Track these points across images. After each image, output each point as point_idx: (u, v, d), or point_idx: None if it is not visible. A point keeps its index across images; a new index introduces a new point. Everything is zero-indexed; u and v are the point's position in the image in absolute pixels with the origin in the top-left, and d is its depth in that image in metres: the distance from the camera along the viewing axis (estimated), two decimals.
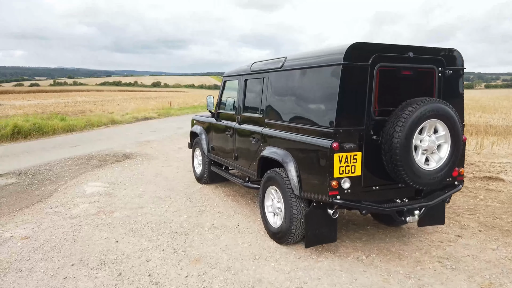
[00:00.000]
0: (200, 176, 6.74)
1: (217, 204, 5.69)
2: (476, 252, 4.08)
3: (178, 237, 4.44)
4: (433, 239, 4.41)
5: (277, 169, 4.21)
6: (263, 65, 4.74)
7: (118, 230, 4.66)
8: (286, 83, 4.19)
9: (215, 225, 4.83)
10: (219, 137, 5.93)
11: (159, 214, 5.22)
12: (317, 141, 3.55)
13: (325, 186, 3.45)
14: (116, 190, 6.38)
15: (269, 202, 4.48)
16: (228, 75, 5.86)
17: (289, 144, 4.01)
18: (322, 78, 3.58)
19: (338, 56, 3.39)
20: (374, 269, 3.67)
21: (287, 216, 4.00)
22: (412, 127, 3.35)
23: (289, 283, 3.42)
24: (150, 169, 8.01)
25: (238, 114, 5.31)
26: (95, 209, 5.44)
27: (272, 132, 4.37)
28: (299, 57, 4.07)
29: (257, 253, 4.03)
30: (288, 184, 3.97)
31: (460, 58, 3.89)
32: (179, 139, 12.33)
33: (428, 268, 3.71)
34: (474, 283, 3.42)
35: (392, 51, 3.54)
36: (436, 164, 3.58)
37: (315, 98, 3.69)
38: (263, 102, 4.64)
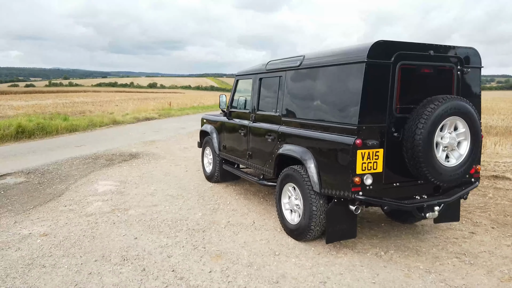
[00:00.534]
0: (210, 174, 6.77)
1: (230, 202, 5.73)
2: (492, 248, 4.14)
3: (196, 234, 4.47)
4: (448, 236, 4.47)
5: (295, 166, 4.25)
6: (280, 64, 4.79)
7: (135, 227, 4.69)
8: (305, 81, 4.24)
9: (231, 223, 4.87)
10: (231, 135, 5.96)
11: (174, 212, 5.25)
12: (339, 138, 3.60)
13: (347, 182, 3.50)
14: (127, 189, 6.40)
15: (286, 200, 4.52)
16: (241, 74, 5.90)
17: (308, 142, 4.05)
18: (345, 76, 3.63)
19: (362, 54, 3.45)
20: (394, 265, 3.73)
21: (306, 213, 4.04)
22: (434, 124, 3.41)
23: (312, 278, 3.46)
24: (159, 168, 8.03)
25: (252, 112, 5.35)
26: (109, 207, 5.46)
27: (289, 130, 4.42)
28: (319, 55, 4.12)
29: (277, 249, 4.07)
30: (308, 181, 4.02)
31: (478, 57, 3.96)
32: (183, 139, 12.35)
33: (447, 263, 3.77)
34: (494, 278, 3.48)
35: (414, 49, 3.60)
36: (456, 161, 3.64)
37: (337, 95, 3.74)
38: (279, 100, 4.69)
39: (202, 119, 7.24)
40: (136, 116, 19.50)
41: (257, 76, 5.29)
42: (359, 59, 3.46)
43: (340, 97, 3.69)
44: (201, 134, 7.20)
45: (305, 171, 4.08)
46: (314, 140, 3.97)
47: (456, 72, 3.85)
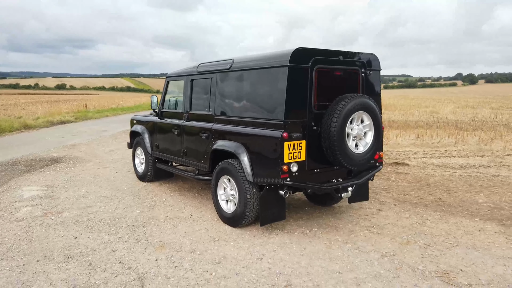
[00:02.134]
0: (143, 174, 6.91)
1: (166, 199, 5.97)
2: (394, 220, 4.97)
3: (137, 229, 4.68)
4: (360, 214, 5.24)
5: (229, 160, 4.68)
6: (210, 67, 5.17)
7: (73, 228, 4.74)
8: (235, 83, 4.68)
9: (169, 217, 5.14)
10: (164, 135, 6.20)
11: (111, 212, 5.36)
12: (268, 132, 4.10)
13: (277, 170, 4.02)
14: (56, 193, 6.29)
15: (221, 191, 4.92)
16: (172, 75, 6.17)
17: (241, 137, 4.50)
18: (271, 78, 4.14)
19: (285, 59, 3.98)
20: (318, 240, 4.34)
21: (242, 201, 4.49)
22: (345, 118, 4.07)
23: (250, 256, 3.92)
24: (86, 171, 7.91)
25: (185, 112, 5.65)
26: (41, 211, 5.38)
27: (223, 127, 4.83)
28: (247, 59, 4.59)
29: (216, 236, 4.47)
30: (242, 173, 4.46)
31: (377, 61, 4.74)
32: (107, 142, 12.08)
33: (360, 235, 4.48)
34: (396, 243, 4.25)
35: (327, 55, 4.23)
36: (364, 148, 4.36)
37: (264, 95, 4.23)
38: (212, 100, 5.08)
39: (131, 120, 7.32)
40: (49, 120, 18.35)
41: (189, 78, 5.61)
42: (282, 63, 4.00)
43: (267, 97, 4.19)
44: (131, 135, 7.29)
45: (239, 164, 4.52)
46: (246, 136, 4.43)
47: (361, 74, 4.57)
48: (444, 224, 4.83)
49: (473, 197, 5.97)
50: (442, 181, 6.96)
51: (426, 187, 6.55)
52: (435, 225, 4.78)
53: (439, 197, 6.01)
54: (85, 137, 13.08)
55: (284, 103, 3.97)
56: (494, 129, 14.42)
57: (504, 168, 8.00)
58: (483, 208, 5.44)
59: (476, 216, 5.11)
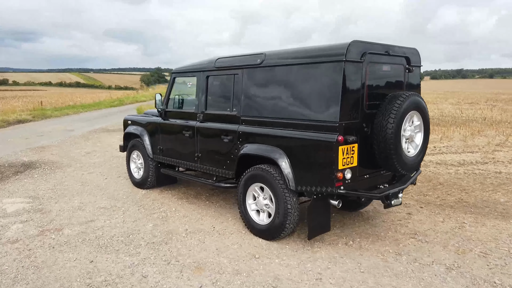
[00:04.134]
0: (141, 180, 6.23)
1: (176, 208, 5.37)
2: (431, 225, 4.72)
3: (160, 248, 4.09)
4: (392, 219, 4.95)
5: (263, 166, 4.20)
6: (234, 62, 4.63)
7: (83, 248, 4.07)
8: (268, 79, 4.19)
9: (190, 231, 4.57)
10: (172, 137, 5.58)
11: (119, 226, 4.70)
12: (319, 136, 3.66)
13: (331, 178, 3.60)
14: (46, 205, 5.49)
15: (250, 200, 4.44)
16: (180, 71, 5.54)
17: (279, 140, 4.03)
18: (321, 74, 3.70)
19: (339, 52, 3.56)
20: (368, 252, 3.98)
21: (280, 212, 4.03)
22: (401, 118, 3.72)
23: (306, 276, 3.48)
24: (70, 178, 7.07)
25: (199, 112, 5.08)
26: (35, 228, 4.62)
27: (252, 129, 4.33)
28: (284, 54, 4.11)
29: (253, 252, 3.98)
30: (280, 180, 4.01)
31: (419, 56, 4.43)
32: (80, 143, 11.09)
33: (408, 244, 4.17)
34: (451, 252, 3.97)
35: (377, 49, 3.85)
36: (414, 150, 4.05)
37: (311, 93, 3.78)
38: (236, 99, 4.55)
39: (125, 121, 6.60)
40: (4, 119, 16.75)
41: (204, 74, 5.04)
42: (336, 58, 3.57)
43: (315, 95, 3.75)
44: (125, 137, 6.57)
45: (276, 170, 4.06)
46: (285, 139, 3.96)
47: (405, 70, 4.25)
48: (483, 227, 4.64)
49: (492, 196, 5.88)
50: (452, 179, 6.85)
51: (440, 187, 6.40)
52: (475, 229, 4.58)
53: (459, 197, 5.86)
54: (52, 138, 11.96)
55: (339, 103, 3.55)
56: (468, 124, 14.84)
57: (501, 165, 8.08)
58: (509, 208, 5.34)
59: (510, 217, 4.97)
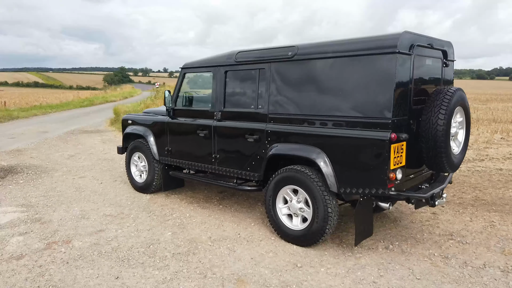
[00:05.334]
0: (145, 184, 5.76)
1: (189, 214, 4.97)
2: (462, 225, 4.57)
3: (189, 259, 3.70)
4: (420, 219, 4.77)
5: (297, 167, 3.90)
6: (259, 55, 4.29)
7: (103, 262, 3.61)
8: (303, 73, 3.89)
9: (214, 238, 4.20)
10: (183, 137, 5.16)
11: (134, 236, 4.26)
12: (368, 133, 3.40)
13: (383, 179, 3.35)
14: (43, 214, 4.94)
15: (281, 204, 4.13)
16: (191, 66, 5.13)
17: (317, 139, 3.74)
18: (369, 67, 3.43)
19: (391, 44, 3.31)
20: (413, 256, 3.76)
21: (320, 216, 3.74)
22: (450, 114, 3.52)
23: (361, 286, 3.21)
24: (61, 183, 6.48)
25: (216, 110, 4.70)
26: (39, 241, 4.10)
27: (283, 127, 4.02)
28: (322, 45, 3.82)
29: (293, 260, 3.67)
30: (318, 182, 3.73)
31: (453, 50, 4.26)
32: (59, 145, 10.35)
33: (450, 246, 3.99)
34: (497, 253, 3.82)
35: (421, 41, 3.63)
36: (458, 148, 3.87)
37: (358, 88, 3.51)
38: (263, 95, 4.22)
39: (124, 120, 6.10)
40: None
41: (221, 69, 4.66)
42: (388, 49, 3.32)
43: (364, 90, 3.48)
44: (125, 138, 6.07)
45: (313, 171, 3.78)
46: (327, 137, 3.68)
47: (442, 64, 4.06)
48: None
49: (507, 194, 5.85)
50: (459, 177, 6.80)
51: (452, 185, 6.32)
52: (508, 228, 4.47)
53: (474, 195, 5.79)
54: (27, 140, 11.12)
55: (392, 98, 3.30)
56: None
57: (497, 161, 8.15)
58: None
59: None
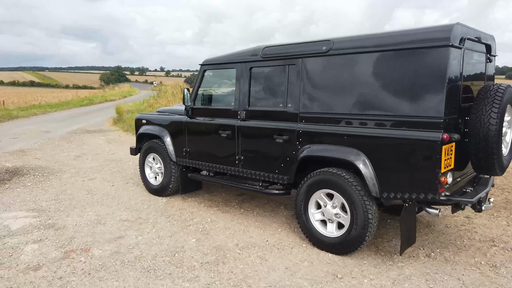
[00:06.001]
0: (160, 187, 5.48)
1: (211, 219, 4.70)
2: (501, 230, 4.33)
3: (219, 269, 3.44)
4: (455, 224, 4.53)
5: (332, 169, 3.65)
6: (289, 50, 4.03)
7: (127, 273, 3.34)
8: (342, 70, 3.62)
9: (241, 245, 3.94)
10: (203, 138, 4.89)
11: (156, 243, 3.99)
12: (419, 134, 3.14)
13: (434, 183, 3.10)
14: (56, 219, 4.66)
15: (313, 209, 3.87)
16: (212, 63, 4.85)
17: (356, 140, 3.49)
18: (418, 61, 3.17)
19: (443, 36, 3.06)
20: (458, 265, 3.52)
21: (359, 222, 3.49)
22: (503, 112, 3.27)
23: None
24: (71, 185, 6.19)
25: (240, 109, 4.44)
26: (56, 249, 3.82)
27: (319, 127, 3.76)
28: (361, 39, 3.55)
29: (331, 270, 3.41)
30: (356, 185, 3.47)
31: (495, 45, 4.01)
32: (62, 146, 10.05)
33: (494, 253, 3.75)
34: None
35: (472, 34, 3.38)
36: (506, 149, 3.62)
37: (404, 84, 3.25)
38: (293, 92, 3.96)
39: (138, 120, 5.82)
40: None
41: (246, 65, 4.39)
42: (440, 42, 3.06)
43: (411, 87, 3.22)
44: (138, 139, 5.80)
45: (350, 174, 3.53)
46: (369, 138, 3.42)
47: (486, 59, 3.82)
48: None
49: None
50: None
51: None
52: None
53: (504, 197, 5.55)
54: (29, 140, 10.81)
55: (444, 95, 3.05)
56: None
57: None
58: None
59: None
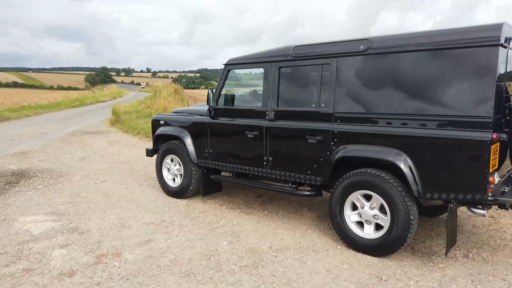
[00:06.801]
0: (180, 189, 5.37)
1: (236, 221, 4.62)
2: None
3: (261, 272, 3.36)
4: (482, 223, 4.52)
5: (371, 170, 3.61)
6: (322, 49, 3.97)
7: (167, 278, 3.24)
8: (382, 69, 3.57)
9: (275, 248, 3.87)
10: (227, 139, 4.81)
11: (187, 246, 3.89)
12: (467, 134, 3.12)
13: (482, 183, 3.08)
14: (78, 223, 4.52)
15: (349, 211, 3.83)
16: (237, 62, 4.76)
17: (398, 140, 3.45)
18: (465, 61, 3.15)
19: (491, 35, 3.04)
20: (499, 265, 3.50)
21: (400, 223, 3.45)
22: None
23: None
24: (84, 188, 6.03)
25: (268, 109, 4.36)
26: (86, 254, 3.69)
27: (356, 128, 3.71)
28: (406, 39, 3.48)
29: (374, 272, 3.37)
30: (397, 186, 3.44)
31: None
32: (64, 147, 9.83)
33: None
34: None
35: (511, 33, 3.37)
36: None
37: (450, 83, 3.22)
38: (327, 92, 3.91)
39: (155, 121, 5.70)
40: None
41: (275, 65, 4.32)
42: (490, 41, 3.04)
43: (458, 86, 3.19)
44: (156, 140, 5.68)
45: (389, 175, 3.50)
46: (412, 138, 3.38)
47: None
48: None
49: None
50: None
51: None
52: None
53: None
54: (28, 142, 10.55)
55: (493, 95, 3.03)
56: None
57: None
58: None
59: None
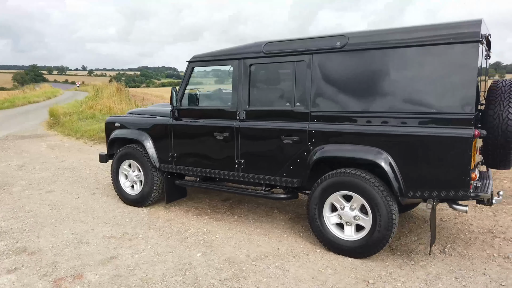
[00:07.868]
0: (140, 197, 4.94)
1: (206, 229, 4.32)
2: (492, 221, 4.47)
3: (244, 285, 3.11)
4: (448, 217, 4.60)
5: (351, 170, 3.50)
6: (296, 46, 3.78)
7: None
8: (359, 66, 3.46)
9: (254, 256, 3.64)
10: (193, 141, 4.48)
11: (159, 260, 3.54)
12: (447, 131, 3.09)
13: (465, 180, 3.08)
14: (26, 242, 3.97)
15: (328, 213, 3.70)
16: (203, 59, 4.44)
17: (379, 139, 3.36)
18: (446, 57, 3.12)
19: (471, 31, 3.03)
20: (476, 259, 3.54)
21: (382, 223, 3.38)
22: None
23: None
24: (28, 200, 5.38)
25: (238, 109, 4.11)
26: (39, 278, 3.22)
27: (335, 127, 3.57)
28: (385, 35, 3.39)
29: (360, 276, 3.26)
30: (379, 186, 3.37)
31: None
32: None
33: (500, 244, 3.84)
34: None
35: (485, 31, 3.40)
36: None
37: (430, 80, 3.18)
38: (303, 91, 3.74)
39: (109, 123, 5.21)
40: None
41: (245, 62, 4.07)
42: (472, 38, 3.03)
43: (438, 83, 3.16)
44: (110, 144, 5.20)
45: (370, 174, 3.42)
46: (393, 136, 3.31)
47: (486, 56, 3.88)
48: None
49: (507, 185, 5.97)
50: None
51: None
52: None
53: None
54: None
55: (474, 91, 3.04)
56: None
57: None
58: None
59: None
